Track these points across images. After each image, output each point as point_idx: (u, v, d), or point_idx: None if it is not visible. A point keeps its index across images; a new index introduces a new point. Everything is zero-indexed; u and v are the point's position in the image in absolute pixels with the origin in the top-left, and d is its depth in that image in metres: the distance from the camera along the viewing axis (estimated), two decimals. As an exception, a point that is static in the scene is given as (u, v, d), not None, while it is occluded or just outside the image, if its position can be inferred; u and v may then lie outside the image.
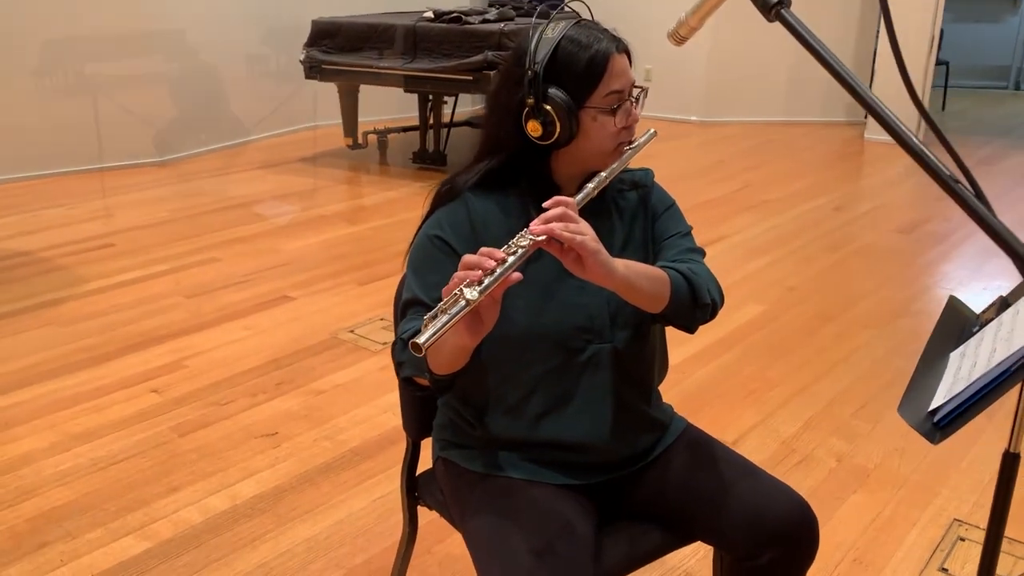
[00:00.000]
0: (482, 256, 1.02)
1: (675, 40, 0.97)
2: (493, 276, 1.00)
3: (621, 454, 1.30)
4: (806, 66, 7.22)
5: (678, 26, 0.95)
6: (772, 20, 0.80)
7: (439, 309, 0.98)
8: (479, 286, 0.98)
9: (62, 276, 3.66)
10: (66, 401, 2.61)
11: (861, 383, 2.79)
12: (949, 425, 0.97)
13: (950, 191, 0.76)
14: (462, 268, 1.03)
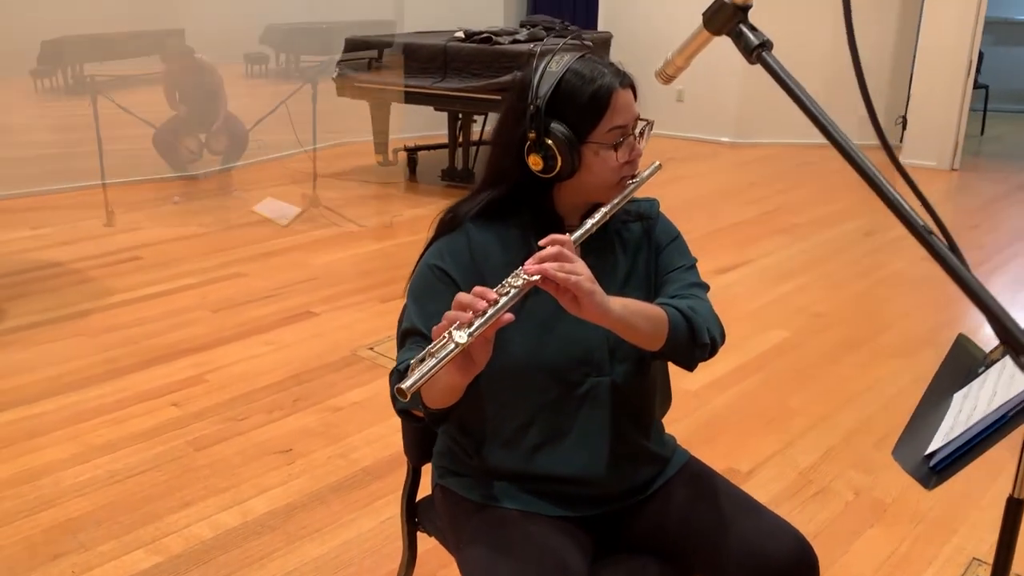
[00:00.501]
0: (475, 296, 1.02)
1: (662, 79, 0.97)
2: (484, 318, 0.99)
3: (619, 488, 1.29)
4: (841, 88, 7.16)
5: (665, 65, 0.95)
6: (754, 63, 0.79)
7: (427, 352, 0.97)
8: (469, 328, 0.98)
9: (92, 288, 3.72)
10: (89, 412, 2.65)
11: (884, 414, 2.74)
12: (945, 470, 0.94)
13: (924, 243, 0.75)
14: (455, 307, 1.03)
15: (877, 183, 0.75)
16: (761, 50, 0.77)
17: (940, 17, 6.30)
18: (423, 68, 5.35)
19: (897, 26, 7.09)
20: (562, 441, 1.25)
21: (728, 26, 0.80)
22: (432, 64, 5.31)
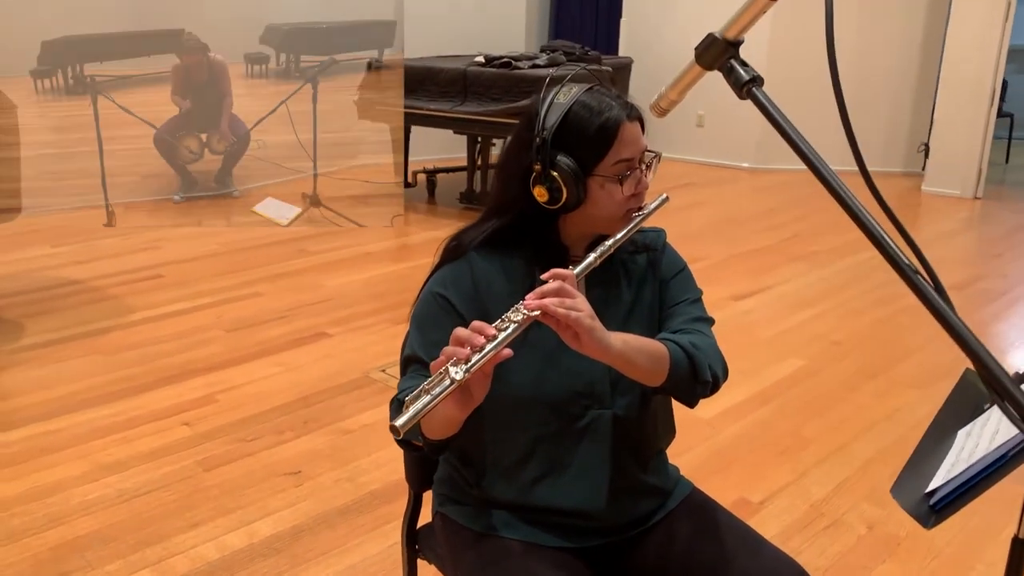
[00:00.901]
0: (472, 332, 1.01)
1: (656, 112, 0.97)
2: (481, 354, 0.98)
3: (619, 520, 1.27)
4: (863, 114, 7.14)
5: (659, 99, 0.94)
6: (744, 98, 0.79)
7: (423, 388, 0.96)
8: (466, 364, 0.97)
9: (110, 306, 3.76)
10: (100, 431, 2.66)
11: (900, 445, 2.70)
12: (945, 509, 0.92)
13: (909, 282, 0.73)
14: (452, 342, 1.02)
15: (862, 219, 0.74)
16: (751, 85, 0.76)
17: (963, 44, 6.27)
18: (443, 92, 5.39)
19: (920, 53, 7.06)
20: (562, 474, 1.24)
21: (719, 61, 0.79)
22: (452, 88, 5.35)
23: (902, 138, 7.24)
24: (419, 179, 6.09)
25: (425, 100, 5.42)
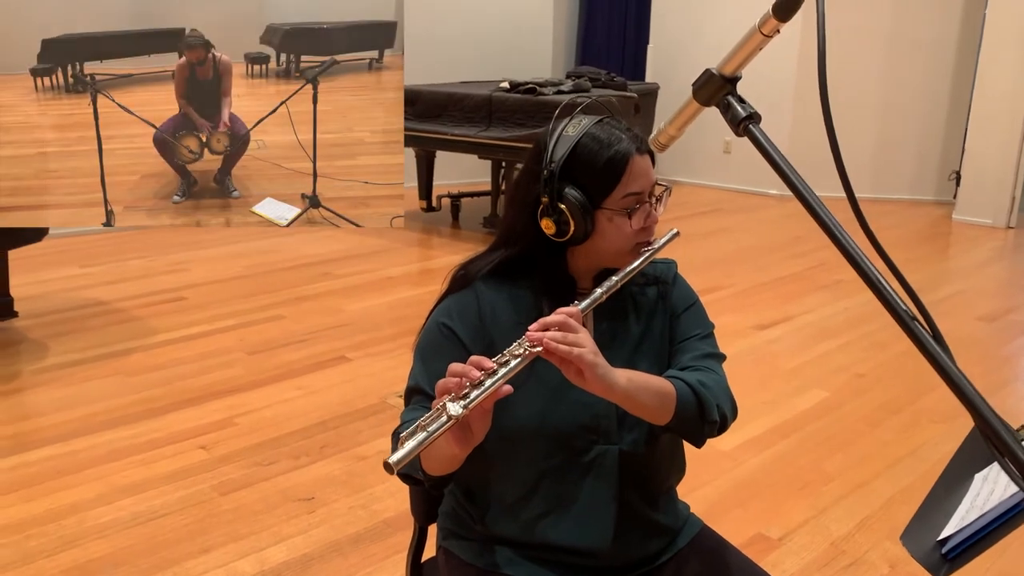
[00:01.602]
0: (469, 366, 1.00)
1: (656, 147, 0.95)
2: (481, 390, 0.97)
3: (625, 560, 1.25)
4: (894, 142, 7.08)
5: (658, 134, 0.93)
6: (740, 135, 0.78)
7: (420, 425, 0.94)
8: (463, 400, 0.96)
9: (134, 327, 3.79)
10: (118, 453, 2.68)
11: (924, 482, 2.63)
12: (958, 558, 0.89)
13: (906, 329, 0.71)
14: (449, 376, 1.01)
15: (858, 261, 0.72)
16: (748, 122, 0.75)
17: (996, 70, 6.20)
18: (468, 117, 5.42)
19: (951, 79, 6.99)
20: (567, 511, 1.22)
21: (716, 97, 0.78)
22: (477, 114, 5.38)
23: (933, 165, 7.15)
24: (443, 203, 6.12)
25: (450, 125, 5.45)
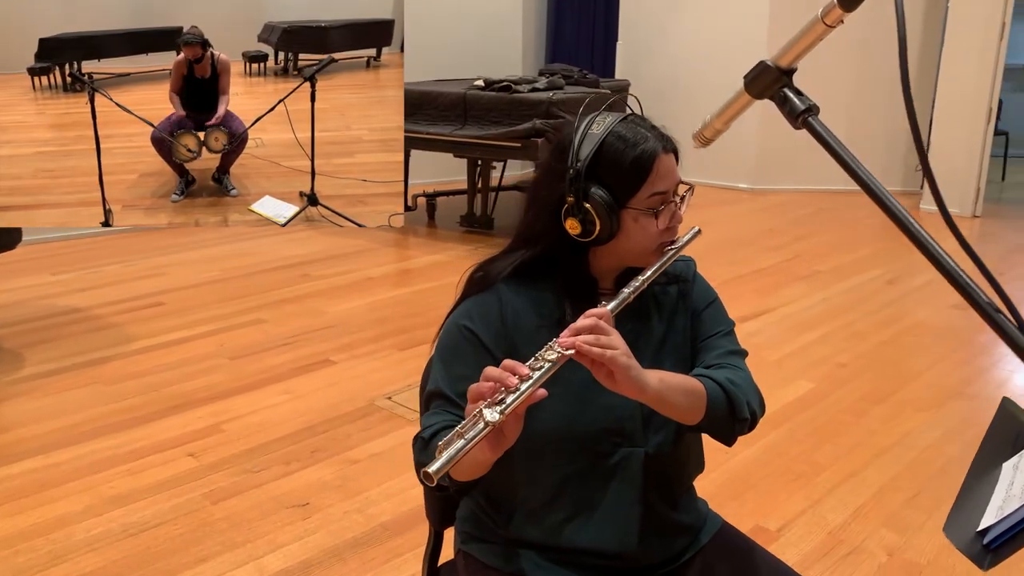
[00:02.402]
0: (504, 371, 0.99)
1: (700, 141, 0.95)
2: (516, 395, 0.96)
3: (651, 560, 1.24)
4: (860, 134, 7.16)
5: (703, 128, 0.92)
6: (799, 128, 0.77)
7: (456, 432, 0.94)
8: (499, 406, 0.95)
9: (112, 334, 3.72)
10: (103, 463, 2.62)
11: (913, 470, 2.67)
12: (1002, 548, 0.89)
13: (991, 322, 0.71)
14: (484, 381, 1.00)
15: (938, 259, 0.72)
16: (807, 115, 0.74)
17: (959, 65, 6.30)
18: (443, 115, 5.39)
19: (916, 73, 7.09)
20: (592, 514, 1.21)
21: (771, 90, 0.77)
22: (452, 112, 5.35)
23: (900, 157, 7.26)
24: (419, 203, 6.08)
25: (425, 124, 5.42)
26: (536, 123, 4.88)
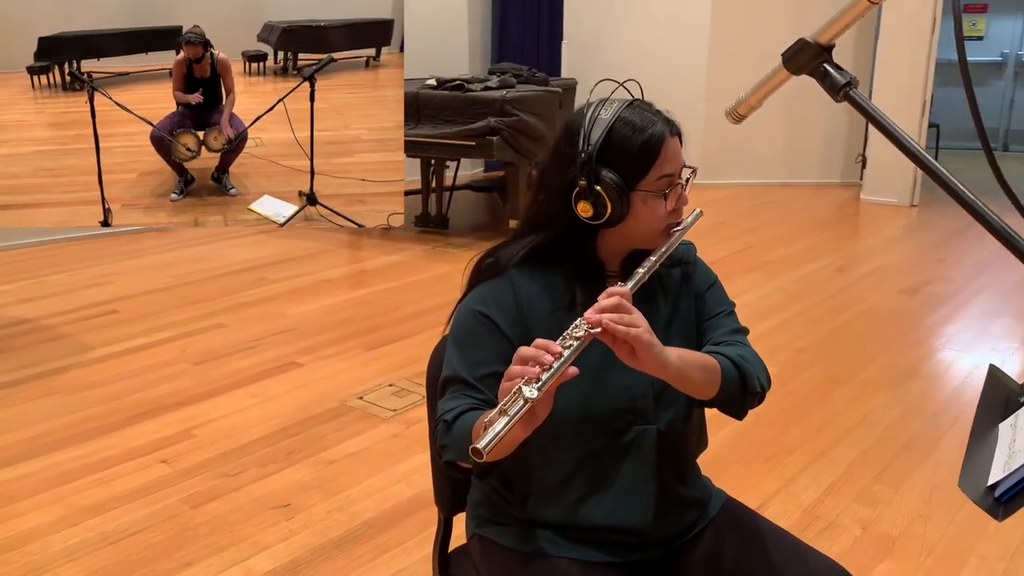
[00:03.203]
0: (538, 350, 1.01)
1: (733, 118, 0.98)
2: (551, 372, 0.99)
3: (664, 534, 1.27)
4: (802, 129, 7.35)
5: (737, 104, 0.95)
6: (840, 101, 0.80)
7: (499, 410, 0.96)
8: (537, 383, 0.97)
9: (65, 344, 3.62)
10: (73, 473, 2.56)
11: (879, 447, 2.76)
12: (1012, 501, 0.94)
13: None
14: (517, 362, 1.02)
15: (982, 214, 0.76)
16: (848, 88, 0.78)
17: (893, 60, 6.52)
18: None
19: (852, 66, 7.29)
20: (608, 492, 1.23)
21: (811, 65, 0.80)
22: (405, 111, 5.32)
23: (839, 150, 7.47)
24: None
25: (377, 124, 5.39)
26: (491, 121, 4.90)
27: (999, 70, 9.62)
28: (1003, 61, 9.61)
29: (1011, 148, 9.74)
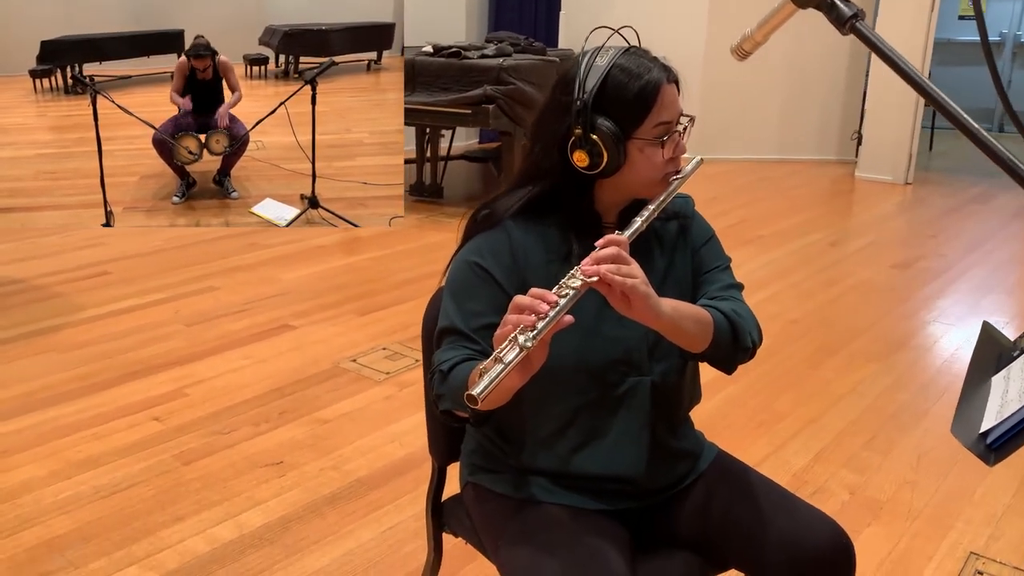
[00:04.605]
0: (534, 299, 1.01)
1: (739, 54, 0.97)
2: (546, 320, 0.99)
3: (656, 485, 1.28)
4: (799, 105, 7.33)
5: (742, 40, 0.95)
6: (846, 33, 0.80)
7: (494, 357, 0.96)
8: (533, 332, 0.97)
9: (58, 304, 3.61)
10: (66, 428, 2.56)
11: (868, 415, 2.79)
12: (1003, 447, 0.96)
13: None
14: (513, 311, 1.02)
15: (992, 149, 0.76)
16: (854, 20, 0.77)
17: (892, 38, 6.45)
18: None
19: (849, 46, 7.27)
20: (601, 441, 1.24)
21: (817, -1, 0.80)
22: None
23: (835, 127, 7.46)
24: (365, 172, 6.02)
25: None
26: (487, 89, 4.87)
27: (997, 50, 9.59)
28: (1001, 40, 9.58)
29: (1007, 129, 9.74)
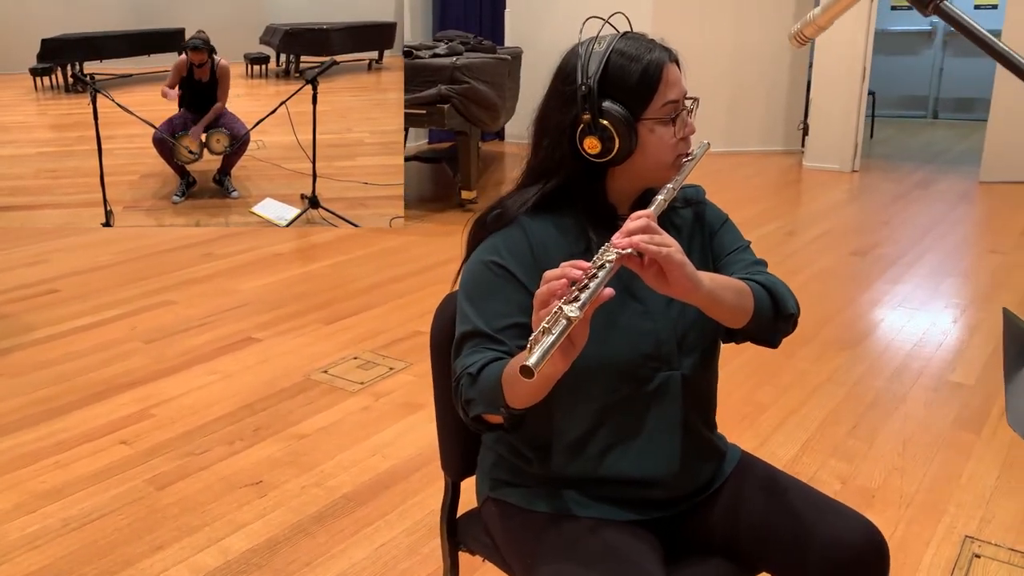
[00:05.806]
0: (565, 268, 0.96)
1: (798, 41, 0.93)
2: (589, 291, 0.93)
3: (687, 487, 1.24)
4: (744, 97, 7.41)
5: (803, 26, 0.91)
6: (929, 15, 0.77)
7: (542, 330, 0.90)
8: (576, 303, 0.92)
9: (6, 325, 3.44)
10: (27, 457, 2.42)
11: (848, 403, 2.80)
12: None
13: None
14: (545, 283, 0.96)
15: None
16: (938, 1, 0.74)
17: (835, 29, 6.58)
18: (341, 84, 5.22)
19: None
20: (633, 441, 1.19)
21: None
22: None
23: (780, 118, 7.56)
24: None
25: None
26: (441, 89, 4.80)
27: (928, 38, 9.83)
28: (931, 29, 9.82)
29: (940, 116, 10.00)
